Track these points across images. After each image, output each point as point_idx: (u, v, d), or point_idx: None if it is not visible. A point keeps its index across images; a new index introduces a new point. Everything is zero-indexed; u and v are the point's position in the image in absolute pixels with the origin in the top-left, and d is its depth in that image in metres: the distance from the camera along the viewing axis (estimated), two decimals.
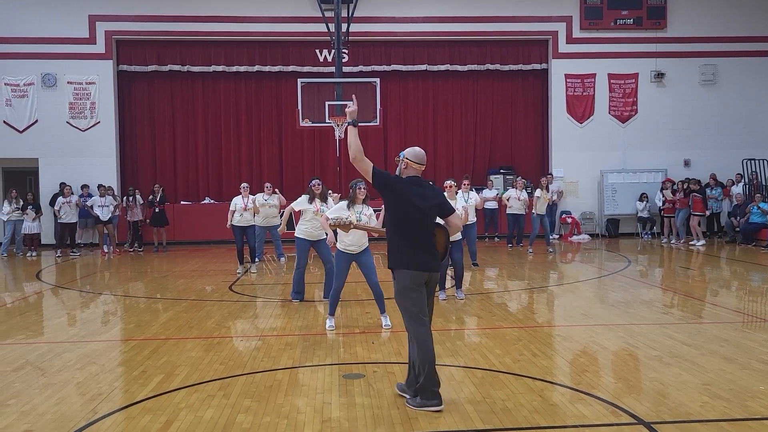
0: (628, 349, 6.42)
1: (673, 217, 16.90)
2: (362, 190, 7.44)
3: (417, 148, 5.15)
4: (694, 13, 19.02)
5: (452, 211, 5.05)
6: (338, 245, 7.43)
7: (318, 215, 8.85)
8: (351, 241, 7.35)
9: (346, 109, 5.01)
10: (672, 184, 17.52)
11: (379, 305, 7.53)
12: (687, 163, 19.03)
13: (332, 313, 7.50)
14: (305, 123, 14.80)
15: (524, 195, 15.39)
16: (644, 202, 18.08)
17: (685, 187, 16.67)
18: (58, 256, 15.79)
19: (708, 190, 16.96)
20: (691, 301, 9.02)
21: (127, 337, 7.37)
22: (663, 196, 17.27)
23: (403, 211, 4.87)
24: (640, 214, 18.31)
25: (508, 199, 15.40)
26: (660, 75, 18.97)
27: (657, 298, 9.47)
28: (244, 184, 12.65)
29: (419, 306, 4.87)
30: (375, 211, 7.56)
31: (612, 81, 19.11)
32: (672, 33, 19.02)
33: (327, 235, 7.83)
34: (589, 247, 16.58)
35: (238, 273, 12.22)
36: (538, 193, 15.08)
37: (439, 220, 5.06)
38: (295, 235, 9.03)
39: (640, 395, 5.04)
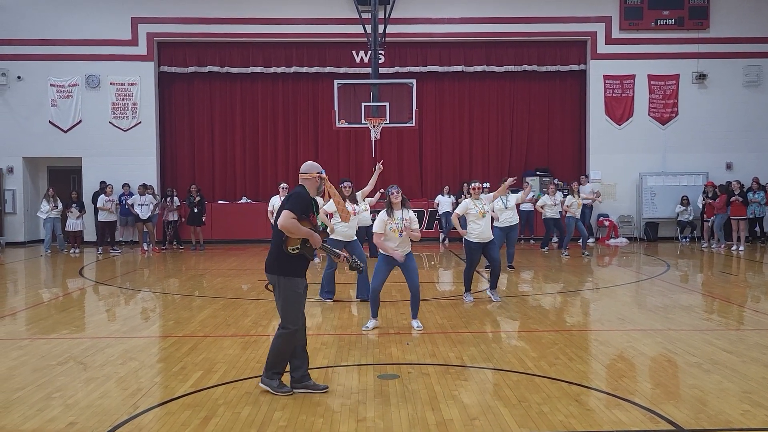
0: (667, 355, 6.32)
1: (713, 220, 16.54)
2: (396, 194, 7.39)
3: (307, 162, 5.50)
4: (737, 13, 18.59)
5: (281, 212, 5.09)
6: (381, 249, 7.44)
7: (354, 215, 8.93)
8: (395, 247, 7.35)
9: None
10: (713, 188, 17.14)
11: (413, 309, 7.54)
12: (729, 166, 18.62)
13: (374, 315, 7.52)
14: (341, 124, 14.89)
15: (558, 197, 15.18)
16: (686, 206, 17.72)
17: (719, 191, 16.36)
18: (99, 254, 16.17)
19: (750, 194, 16.54)
20: (732, 307, 8.82)
21: (167, 333, 7.52)
22: (704, 200, 16.93)
23: None
24: (680, 218, 17.96)
25: (543, 207, 15.20)
26: (702, 76, 18.59)
27: (697, 303, 9.29)
28: (283, 184, 12.81)
29: None
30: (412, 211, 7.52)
31: (652, 82, 18.79)
32: (715, 33, 18.63)
33: (390, 249, 7.49)
34: (626, 251, 16.33)
35: None
36: (569, 200, 14.88)
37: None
38: (330, 236, 9.12)
39: (678, 402, 4.96)
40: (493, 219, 10.29)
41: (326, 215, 9.45)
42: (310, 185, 5.34)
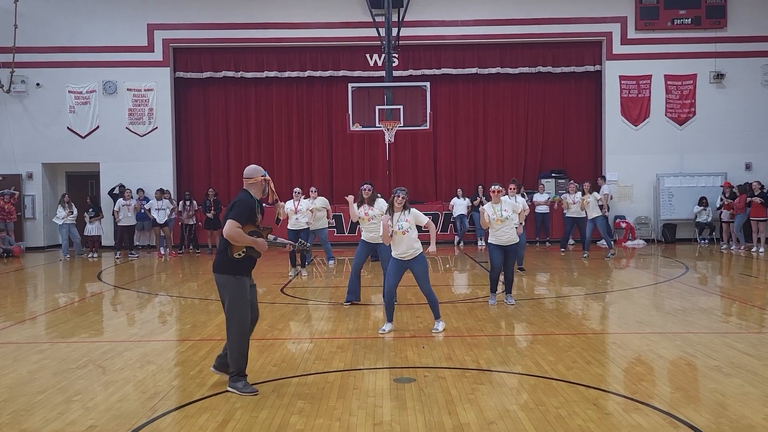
0: (686, 359, 6.25)
1: (732, 222, 16.38)
2: (400, 198, 7.45)
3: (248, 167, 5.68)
4: (755, 12, 18.40)
5: (227, 219, 5.29)
6: (392, 253, 7.48)
7: (366, 220, 8.96)
8: (400, 250, 7.41)
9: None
10: (731, 188, 16.96)
11: (432, 310, 7.55)
12: (748, 167, 18.40)
13: (389, 319, 7.54)
14: (355, 127, 14.93)
15: (578, 197, 15.10)
16: (704, 207, 17.52)
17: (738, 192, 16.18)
18: (117, 258, 16.31)
19: None
20: (753, 310, 8.71)
21: (184, 337, 7.56)
22: (722, 200, 16.75)
23: None
24: (699, 219, 17.78)
25: (570, 204, 15.10)
26: (720, 76, 18.40)
27: (716, 305, 9.18)
28: (296, 189, 12.85)
29: None
30: (428, 214, 7.54)
31: (669, 82, 18.64)
32: (732, 32, 18.44)
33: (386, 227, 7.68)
34: (644, 253, 16.19)
35: (290, 275, 12.41)
36: (579, 197, 14.77)
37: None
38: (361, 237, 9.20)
39: (699, 406, 4.91)
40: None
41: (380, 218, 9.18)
42: (256, 189, 5.58)
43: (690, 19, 18.46)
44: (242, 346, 5.39)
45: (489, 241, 9.09)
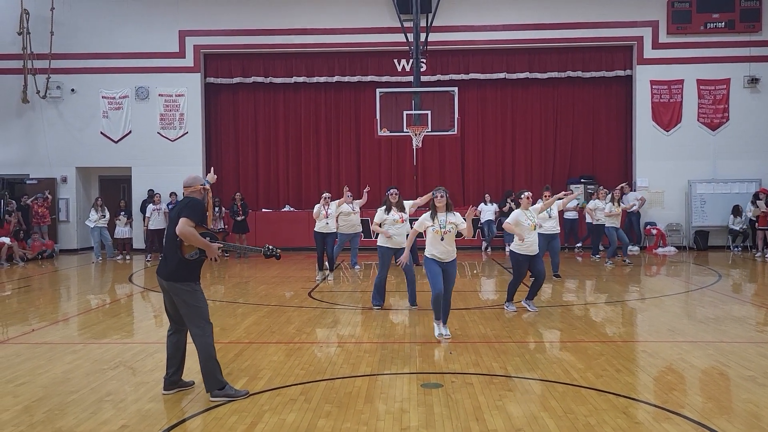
0: (719, 368, 6.14)
1: (766, 229, 16.04)
2: (440, 198, 7.40)
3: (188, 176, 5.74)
4: None
5: (179, 218, 5.20)
6: (426, 254, 7.41)
7: (400, 223, 8.95)
8: (440, 252, 7.34)
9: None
10: (766, 195, 16.61)
11: (444, 314, 7.48)
12: None
13: (438, 318, 7.40)
14: (383, 132, 14.97)
15: (599, 203, 14.93)
16: (739, 215, 17.16)
17: None
18: (148, 260, 16.55)
19: None
20: None
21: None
22: (756, 206, 16.39)
23: None
24: (732, 227, 17.43)
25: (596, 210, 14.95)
26: (754, 80, 18.06)
27: (750, 314, 9.00)
28: (326, 194, 12.97)
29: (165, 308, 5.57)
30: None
31: (701, 87, 18.34)
32: (767, 36, 18.09)
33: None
34: (675, 260, 15.94)
35: (317, 280, 12.47)
36: (608, 208, 14.50)
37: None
38: (378, 243, 9.16)
39: (731, 416, 4.82)
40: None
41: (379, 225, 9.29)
42: (196, 197, 5.56)
43: (723, 23, 18.16)
44: (212, 347, 5.36)
45: (513, 250, 8.82)
